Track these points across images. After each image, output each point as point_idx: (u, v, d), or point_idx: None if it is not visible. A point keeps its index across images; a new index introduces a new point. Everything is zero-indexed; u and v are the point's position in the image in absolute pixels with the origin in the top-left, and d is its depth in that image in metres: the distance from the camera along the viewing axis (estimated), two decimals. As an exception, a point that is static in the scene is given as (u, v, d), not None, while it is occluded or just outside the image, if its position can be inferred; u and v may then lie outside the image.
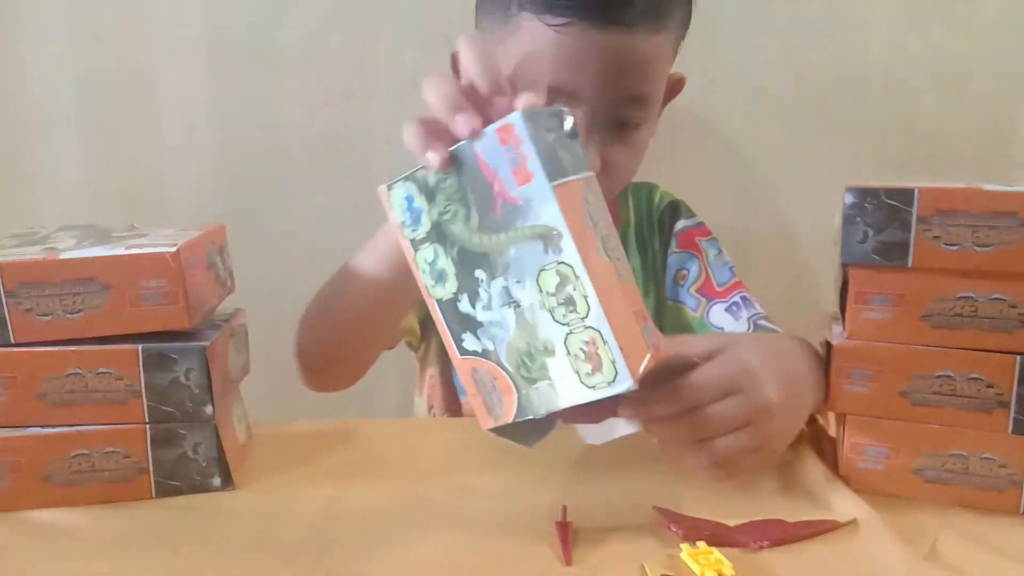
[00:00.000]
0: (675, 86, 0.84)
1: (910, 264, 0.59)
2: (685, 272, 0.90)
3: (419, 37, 1.01)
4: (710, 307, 0.87)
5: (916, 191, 0.58)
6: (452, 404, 0.90)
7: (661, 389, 0.52)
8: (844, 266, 0.61)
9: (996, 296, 0.58)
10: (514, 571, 0.52)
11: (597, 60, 0.72)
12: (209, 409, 0.61)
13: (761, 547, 0.54)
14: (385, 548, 0.54)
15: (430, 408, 0.92)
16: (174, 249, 0.60)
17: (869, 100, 1.04)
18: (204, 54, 0.99)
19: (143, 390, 0.60)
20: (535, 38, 0.72)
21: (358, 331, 0.77)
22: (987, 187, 0.57)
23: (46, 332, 0.60)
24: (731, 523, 0.57)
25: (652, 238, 0.93)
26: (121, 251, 0.60)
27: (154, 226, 0.70)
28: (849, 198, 0.60)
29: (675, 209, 0.93)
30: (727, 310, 0.86)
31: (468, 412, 0.87)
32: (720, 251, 0.91)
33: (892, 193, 0.59)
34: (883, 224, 0.59)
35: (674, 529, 0.56)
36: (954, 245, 0.58)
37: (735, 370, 0.54)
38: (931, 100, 1.04)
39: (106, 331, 0.60)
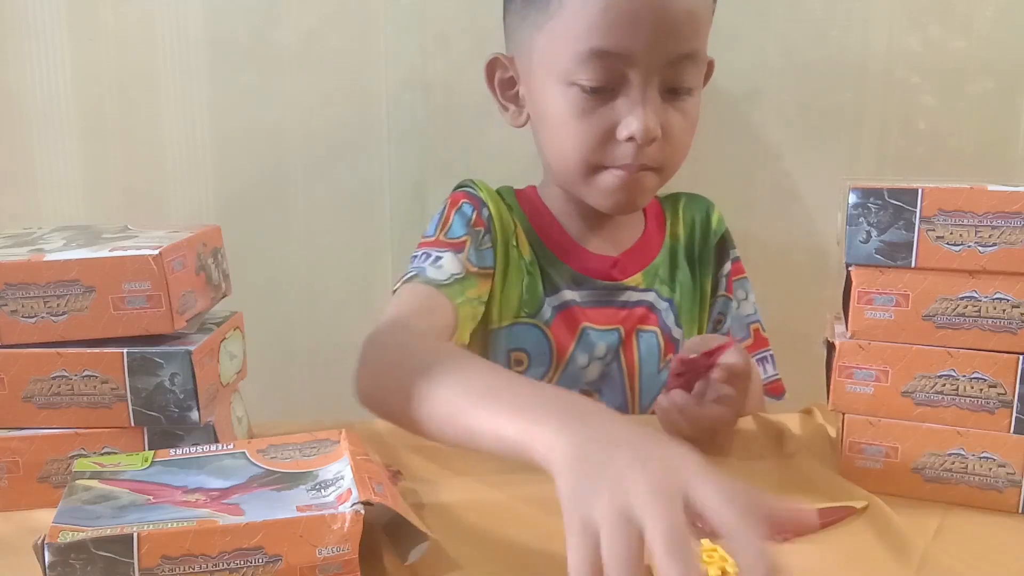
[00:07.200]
0: (708, 67, 0.84)
1: (913, 264, 0.59)
2: (722, 318, 0.92)
3: (419, 37, 1.00)
4: None
5: (920, 191, 0.58)
6: None
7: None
8: (847, 266, 0.61)
9: (999, 296, 0.58)
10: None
11: (649, 18, 0.73)
12: (195, 414, 0.60)
13: (785, 539, 0.54)
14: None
15: None
16: (156, 252, 0.59)
17: (869, 99, 1.04)
18: (204, 54, 0.99)
19: (128, 394, 0.59)
20: (582, 7, 0.74)
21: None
22: (991, 187, 0.57)
23: (31, 334, 0.59)
24: None
25: (705, 264, 0.93)
26: (104, 253, 0.59)
27: (149, 227, 0.69)
28: (853, 198, 0.59)
29: (726, 242, 0.94)
30: None
31: None
32: (745, 297, 0.93)
33: (896, 193, 0.58)
34: (887, 224, 0.59)
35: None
36: (958, 245, 0.58)
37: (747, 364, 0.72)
38: (931, 100, 1.04)
39: (90, 334, 0.59)
